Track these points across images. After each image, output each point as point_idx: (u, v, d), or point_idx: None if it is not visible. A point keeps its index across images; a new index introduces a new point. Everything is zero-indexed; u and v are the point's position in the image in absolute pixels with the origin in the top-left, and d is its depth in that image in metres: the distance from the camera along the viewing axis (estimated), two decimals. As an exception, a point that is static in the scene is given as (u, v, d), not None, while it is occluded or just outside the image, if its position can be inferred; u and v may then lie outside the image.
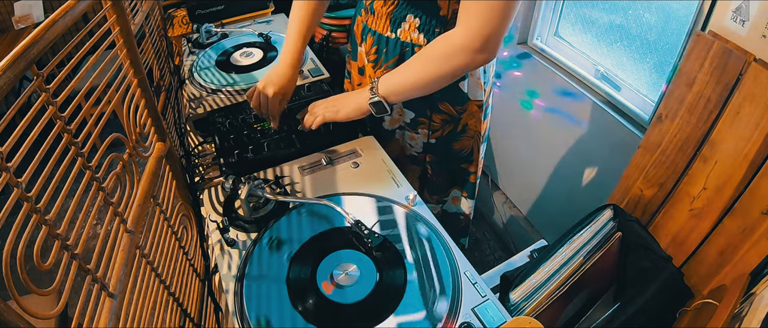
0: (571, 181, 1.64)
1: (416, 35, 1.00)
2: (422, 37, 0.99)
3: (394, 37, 1.03)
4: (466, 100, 1.10)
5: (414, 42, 1.01)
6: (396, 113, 1.16)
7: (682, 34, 1.14)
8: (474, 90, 1.09)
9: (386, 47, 1.06)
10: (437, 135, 1.16)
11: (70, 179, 0.56)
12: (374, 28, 1.06)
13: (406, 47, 1.02)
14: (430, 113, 1.12)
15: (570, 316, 1.07)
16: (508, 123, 1.91)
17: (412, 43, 1.01)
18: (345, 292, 0.76)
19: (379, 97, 0.94)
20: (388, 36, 1.04)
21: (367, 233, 0.82)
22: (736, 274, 0.91)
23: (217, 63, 1.43)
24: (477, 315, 0.73)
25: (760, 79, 0.85)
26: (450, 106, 1.10)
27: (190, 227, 0.98)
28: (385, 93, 0.94)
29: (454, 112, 1.11)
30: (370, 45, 1.10)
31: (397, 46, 1.04)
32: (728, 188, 0.92)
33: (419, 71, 0.91)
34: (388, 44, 1.05)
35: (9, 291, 0.43)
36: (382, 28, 1.04)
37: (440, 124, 1.14)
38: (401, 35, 1.02)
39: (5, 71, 0.45)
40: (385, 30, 1.04)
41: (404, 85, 0.93)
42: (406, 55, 1.03)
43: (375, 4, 1.03)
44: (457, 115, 1.12)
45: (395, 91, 0.94)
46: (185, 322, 0.85)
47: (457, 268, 0.79)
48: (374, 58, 1.10)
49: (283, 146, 1.08)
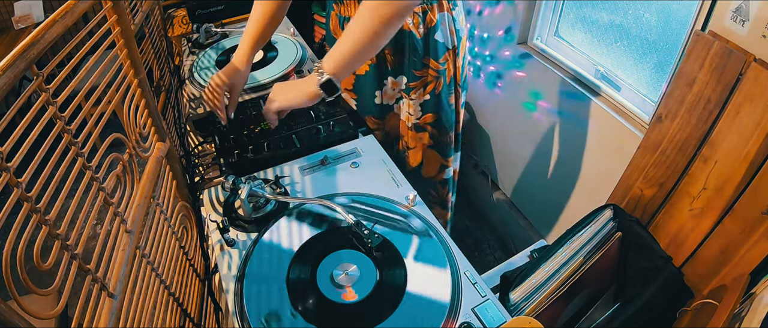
0: (571, 181, 1.64)
1: None
2: None
3: None
4: (444, 49, 1.16)
5: None
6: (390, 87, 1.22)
7: (682, 34, 1.14)
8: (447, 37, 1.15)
9: None
10: (430, 88, 1.21)
11: (70, 179, 0.56)
12: (346, 14, 1.15)
13: None
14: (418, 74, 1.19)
15: (570, 316, 1.07)
16: (508, 123, 1.91)
17: None
18: (345, 292, 0.76)
19: (327, 75, 0.91)
20: None
21: (367, 233, 0.82)
22: (736, 274, 0.91)
23: (217, 63, 1.43)
24: (477, 315, 0.73)
25: (760, 79, 0.85)
26: (433, 61, 1.17)
27: (190, 227, 0.98)
28: (332, 69, 0.92)
29: (439, 65, 1.18)
30: None
31: None
32: (728, 188, 0.92)
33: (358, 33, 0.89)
34: None
35: (9, 291, 0.43)
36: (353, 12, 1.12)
37: (432, 78, 1.20)
38: None
39: (5, 71, 0.45)
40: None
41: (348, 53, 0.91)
42: None
43: None
44: (443, 68, 1.18)
45: (342, 64, 0.92)
46: (185, 322, 0.85)
47: (457, 268, 0.79)
48: None
49: (283, 146, 1.08)
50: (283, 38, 1.55)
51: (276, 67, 1.38)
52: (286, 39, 1.55)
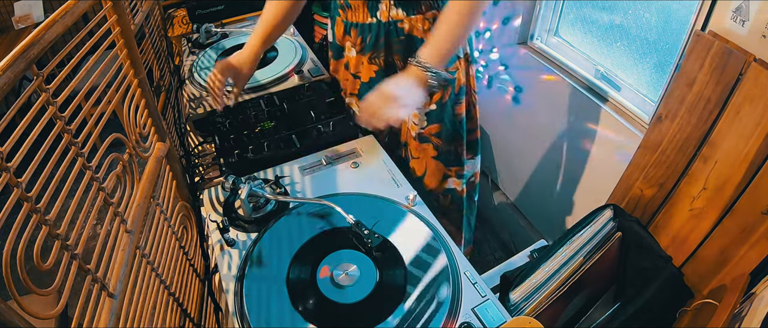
0: (572, 181, 1.64)
1: (395, 12, 1.06)
2: (401, 12, 1.05)
3: (375, 21, 1.08)
4: (455, 57, 1.13)
5: (394, 18, 1.07)
6: None
7: (682, 34, 1.14)
8: None
9: (370, 33, 1.11)
10: (437, 98, 1.18)
11: (70, 179, 0.56)
12: (354, 20, 1.12)
13: (390, 26, 1.08)
14: None
15: (570, 316, 1.07)
16: (507, 123, 1.91)
17: (393, 21, 1.07)
18: (345, 292, 0.76)
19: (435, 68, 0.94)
20: (370, 22, 1.09)
21: (367, 233, 0.82)
22: (736, 274, 0.91)
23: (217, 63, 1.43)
24: (477, 315, 0.72)
25: (760, 79, 0.85)
26: None
27: (190, 227, 0.98)
28: (438, 62, 0.95)
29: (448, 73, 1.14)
30: (355, 37, 1.15)
31: (381, 28, 1.09)
32: (728, 188, 0.92)
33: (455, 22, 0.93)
34: (371, 30, 1.10)
35: (9, 291, 0.43)
36: (362, 17, 1.10)
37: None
38: (381, 17, 1.07)
39: (5, 71, 0.45)
40: (365, 18, 1.10)
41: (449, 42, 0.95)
42: (390, 33, 1.09)
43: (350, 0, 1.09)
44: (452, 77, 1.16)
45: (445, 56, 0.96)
46: (185, 322, 0.85)
47: (457, 268, 0.79)
48: (360, 48, 1.15)
49: (283, 146, 1.08)
50: (284, 38, 1.55)
51: (276, 67, 1.39)
52: (286, 39, 1.55)
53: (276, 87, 1.32)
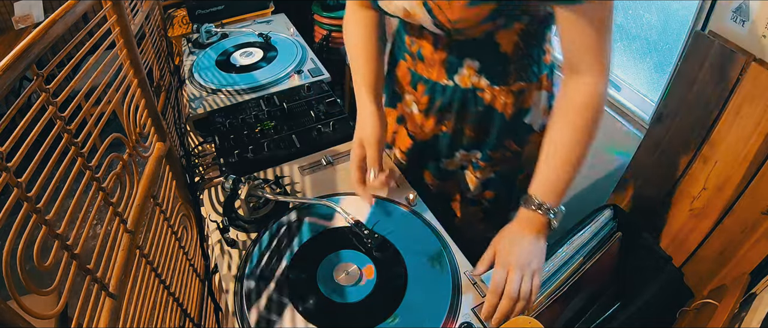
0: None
1: (477, 79, 0.88)
2: (484, 80, 0.88)
3: (452, 84, 0.91)
4: (530, 131, 0.97)
5: (475, 86, 0.89)
6: (459, 158, 1.03)
7: (682, 34, 1.14)
8: (537, 119, 0.95)
9: (442, 95, 0.93)
10: (497, 169, 1.02)
11: (70, 179, 0.56)
12: (426, 75, 0.93)
13: (468, 93, 0.91)
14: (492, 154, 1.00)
15: (570, 316, 1.07)
16: (508, 123, 1.91)
17: (473, 88, 0.90)
18: (345, 292, 0.76)
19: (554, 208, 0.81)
20: (445, 84, 0.91)
21: (367, 234, 0.82)
22: (736, 274, 0.91)
23: (217, 63, 1.43)
24: (477, 315, 0.73)
25: (760, 79, 0.85)
26: (513, 143, 0.98)
27: (190, 227, 0.98)
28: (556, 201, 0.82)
29: (516, 147, 0.99)
30: (421, 93, 0.96)
31: (457, 92, 0.91)
32: (728, 188, 0.92)
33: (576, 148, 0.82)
34: (445, 92, 0.92)
35: (9, 291, 0.43)
36: (436, 76, 0.92)
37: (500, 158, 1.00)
38: (460, 82, 0.90)
39: (5, 71, 0.45)
40: (440, 77, 0.91)
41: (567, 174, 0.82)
42: (468, 101, 0.92)
43: (424, 51, 0.90)
44: (519, 149, 0.99)
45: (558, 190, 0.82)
46: (185, 322, 0.85)
47: (457, 268, 0.79)
48: (426, 107, 0.97)
49: (283, 146, 1.08)
50: (283, 38, 1.55)
51: (276, 67, 1.39)
52: (286, 39, 1.55)
53: (276, 87, 1.32)
